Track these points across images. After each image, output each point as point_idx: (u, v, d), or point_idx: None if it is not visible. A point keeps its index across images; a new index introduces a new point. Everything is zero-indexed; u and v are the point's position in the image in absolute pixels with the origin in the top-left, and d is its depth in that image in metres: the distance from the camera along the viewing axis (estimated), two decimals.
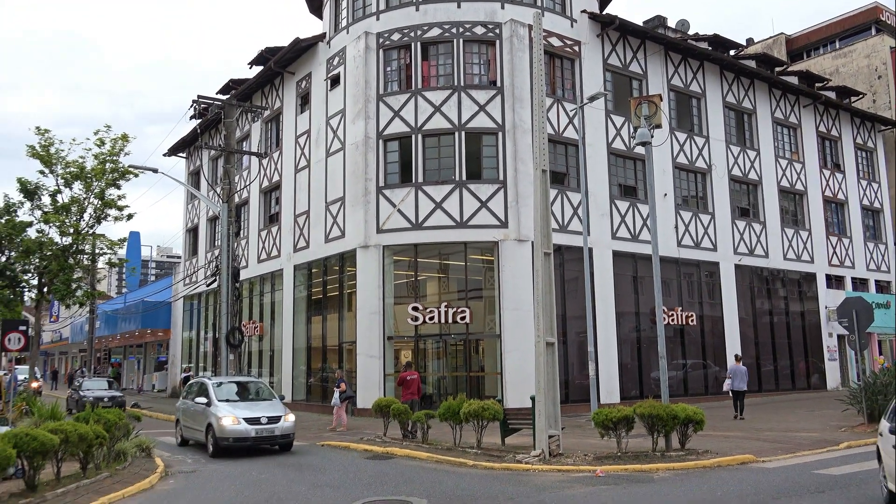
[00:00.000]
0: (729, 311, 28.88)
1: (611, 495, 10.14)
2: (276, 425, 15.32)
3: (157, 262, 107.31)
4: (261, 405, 16.02)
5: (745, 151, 31.21)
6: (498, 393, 21.74)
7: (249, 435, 14.98)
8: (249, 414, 15.32)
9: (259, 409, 15.67)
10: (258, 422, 15.20)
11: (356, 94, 24.95)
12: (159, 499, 10.63)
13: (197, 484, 11.81)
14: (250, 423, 15.09)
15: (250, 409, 15.61)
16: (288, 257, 28.79)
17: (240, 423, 15.01)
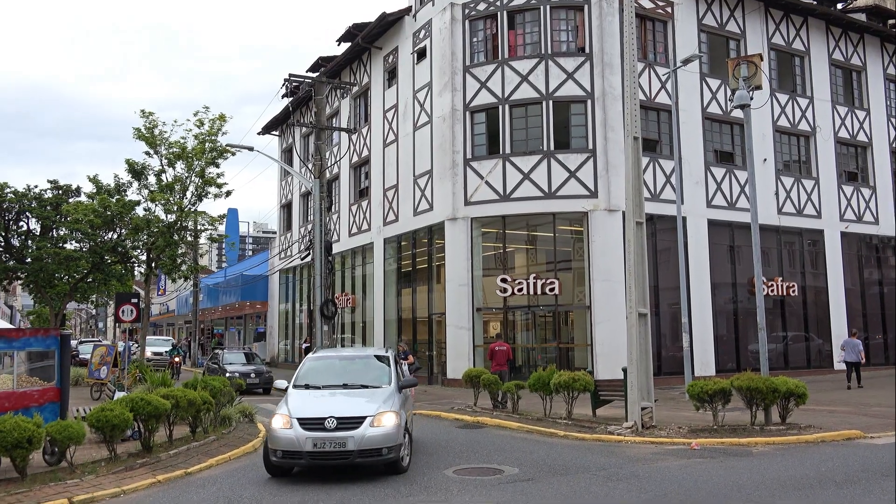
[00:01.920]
0: (834, 282, 27.44)
1: (706, 468, 9.93)
2: (351, 433, 9.32)
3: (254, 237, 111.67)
4: (353, 396, 10.44)
5: (853, 112, 29.33)
6: (588, 364, 21.58)
7: (303, 448, 9.33)
8: (314, 412, 9.67)
9: (338, 404, 10.13)
10: (321, 426, 9.41)
11: (442, 66, 24.94)
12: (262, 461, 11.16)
13: None
14: (308, 428, 9.43)
15: (327, 403, 10.16)
16: (378, 231, 29.32)
17: (291, 427, 9.49)
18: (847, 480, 9.02)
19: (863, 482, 8.87)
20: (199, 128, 25.77)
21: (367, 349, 12.66)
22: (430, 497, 8.56)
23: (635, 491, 8.66)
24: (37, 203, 27.85)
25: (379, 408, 9.77)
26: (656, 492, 8.59)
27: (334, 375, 11.14)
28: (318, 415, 9.58)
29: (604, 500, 8.32)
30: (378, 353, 12.04)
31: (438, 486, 9.09)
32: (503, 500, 8.40)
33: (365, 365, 11.59)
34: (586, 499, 8.38)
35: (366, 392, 10.50)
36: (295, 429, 9.46)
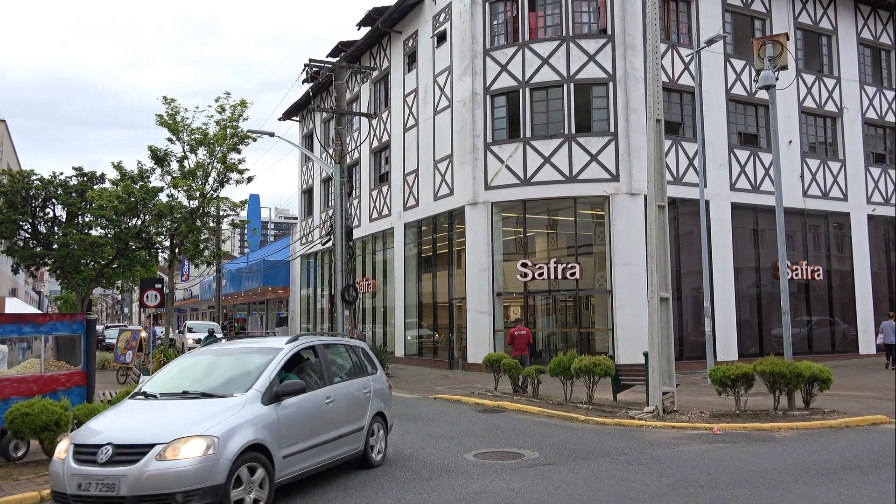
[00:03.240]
0: (860, 265, 27.04)
1: (729, 453, 9.87)
2: (125, 469, 6.48)
3: (276, 222, 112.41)
4: (171, 410, 7.35)
5: (881, 92, 28.73)
6: (609, 349, 21.51)
7: (66, 489, 6.66)
8: (98, 435, 6.93)
9: (133, 422, 7.20)
10: (93, 457, 6.67)
11: (462, 49, 24.80)
12: None
13: None
14: (80, 460, 6.74)
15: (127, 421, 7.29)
16: (398, 216, 29.36)
17: (65, 458, 6.85)
18: (872, 466, 8.93)
19: (888, 468, 8.76)
20: (220, 114, 25.93)
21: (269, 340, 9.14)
22: (451, 481, 8.60)
23: (656, 475, 8.63)
24: (62, 190, 28.22)
25: (185, 430, 6.69)
26: (677, 476, 8.56)
27: (190, 378, 8.15)
28: (96, 440, 6.80)
29: (624, 484, 8.31)
30: (273, 345, 8.57)
31: (459, 470, 9.14)
32: (523, 484, 8.42)
33: (235, 363, 8.28)
34: (607, 483, 8.37)
35: (197, 405, 7.34)
36: (67, 460, 6.77)
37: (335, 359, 9.43)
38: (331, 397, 8.53)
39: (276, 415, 7.49)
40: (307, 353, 8.88)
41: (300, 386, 7.93)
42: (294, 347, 8.53)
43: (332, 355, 9.35)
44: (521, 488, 8.16)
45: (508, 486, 8.27)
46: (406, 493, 8.05)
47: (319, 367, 8.80)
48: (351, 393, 9.11)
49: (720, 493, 7.75)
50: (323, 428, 8.27)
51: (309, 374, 8.60)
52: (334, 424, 8.51)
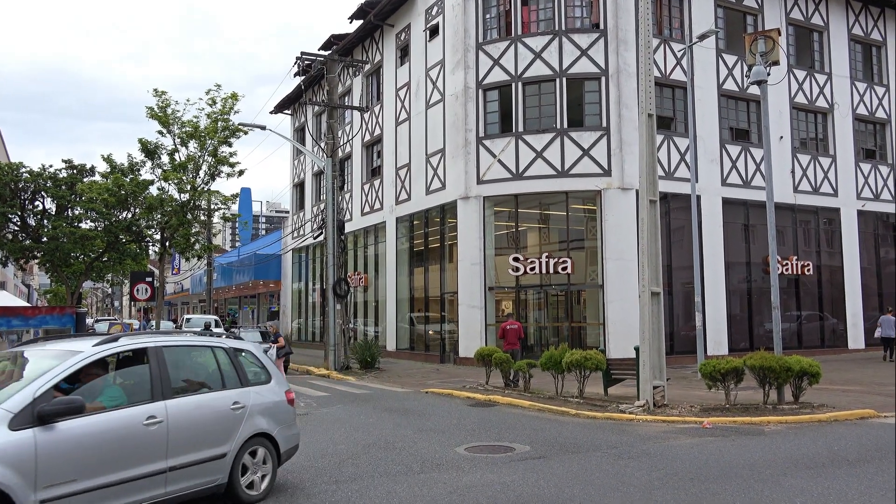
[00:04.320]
0: (850, 261, 27.20)
1: (718, 447, 9.93)
2: None
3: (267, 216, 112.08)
4: None
5: (872, 88, 28.86)
6: (600, 343, 21.58)
7: None
8: None
9: None
10: None
11: (455, 43, 24.74)
12: None
13: (309, 426, 12.44)
14: None
15: None
16: (390, 210, 29.31)
17: None
18: (860, 459, 8.99)
19: (876, 461, 8.84)
20: (211, 106, 25.83)
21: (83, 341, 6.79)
22: (442, 474, 8.61)
23: (646, 469, 8.67)
24: (52, 183, 28.05)
25: None
26: (667, 470, 8.60)
27: None
28: None
29: (615, 477, 8.34)
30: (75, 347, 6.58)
31: (450, 464, 9.15)
32: (514, 477, 8.44)
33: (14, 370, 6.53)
34: (597, 476, 8.40)
35: None
36: None
37: (185, 366, 7.41)
38: (157, 417, 6.47)
39: (33, 443, 5.50)
40: (129, 358, 6.96)
41: (78, 404, 5.86)
42: (100, 352, 6.49)
43: (179, 361, 7.25)
44: (511, 482, 8.18)
45: (499, 480, 8.28)
46: (398, 486, 8.05)
47: (149, 377, 6.71)
48: (204, 410, 7.07)
49: (710, 487, 7.79)
50: (137, 458, 6.24)
51: (122, 388, 6.69)
52: (162, 452, 6.45)
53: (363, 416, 13.40)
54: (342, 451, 10.02)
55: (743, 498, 7.35)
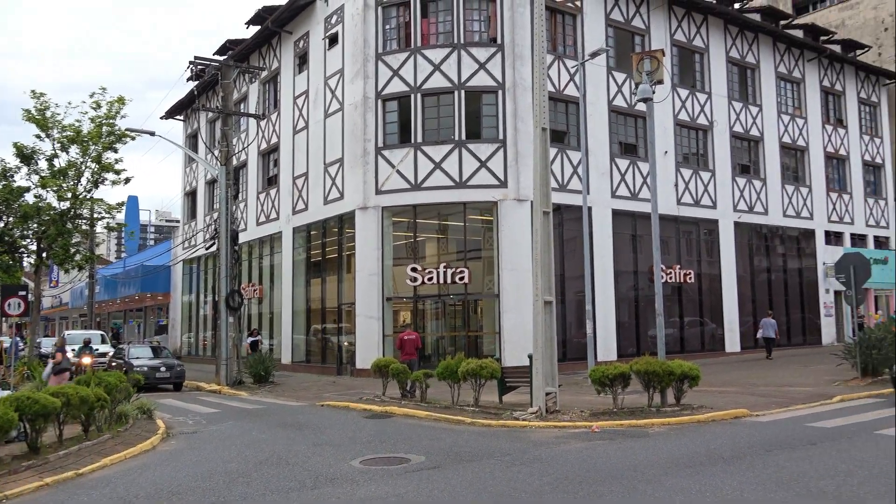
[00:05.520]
0: (727, 269, 28.93)
1: (606, 450, 10.28)
2: None
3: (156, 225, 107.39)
4: None
5: (747, 107, 30.90)
6: (496, 352, 21.93)
7: None
8: None
9: None
10: None
11: (354, 53, 24.63)
12: (160, 459, 10.79)
13: (198, 444, 11.98)
14: None
15: None
16: (287, 219, 28.76)
17: None
18: (734, 456, 9.53)
19: (748, 458, 9.39)
20: (95, 110, 24.49)
21: None
22: (336, 489, 8.48)
23: (537, 474, 8.86)
24: None
25: None
26: (557, 474, 8.82)
27: None
28: None
29: (507, 484, 8.47)
30: None
31: (345, 478, 9.02)
32: (409, 488, 8.42)
33: None
34: (490, 484, 8.51)
35: None
36: None
37: None
38: None
39: None
40: None
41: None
42: None
43: None
44: (406, 493, 8.16)
45: (394, 492, 8.24)
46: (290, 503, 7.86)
47: None
48: None
49: (597, 489, 8.05)
50: None
51: None
52: None
53: (255, 432, 13.02)
54: (232, 470, 9.69)
55: (628, 498, 7.64)
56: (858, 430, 11.12)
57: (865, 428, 11.32)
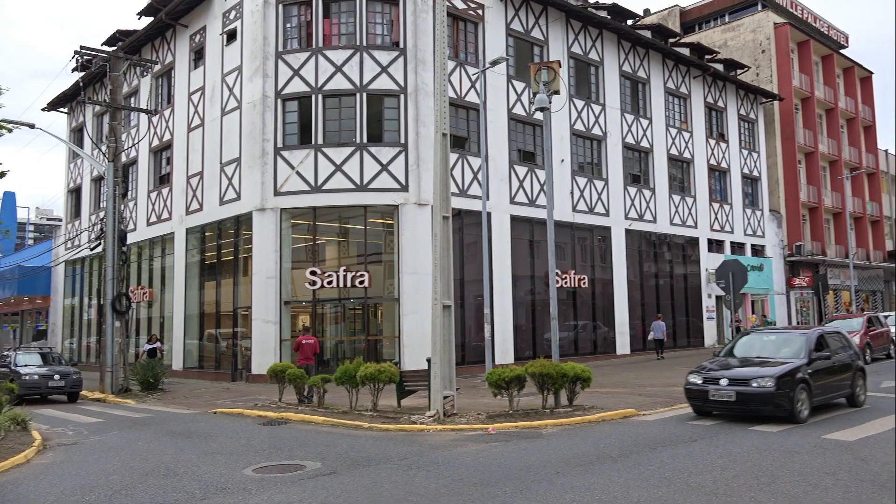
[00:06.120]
0: (618, 274, 30.13)
1: (501, 451, 10.47)
2: None
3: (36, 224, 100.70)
4: None
5: (638, 120, 32.32)
6: (395, 356, 21.92)
7: None
8: None
9: None
10: None
11: (254, 50, 24.03)
12: (35, 473, 10.13)
13: (78, 457, 11.32)
14: None
15: None
16: (180, 220, 27.68)
17: None
18: (621, 455, 9.93)
19: (634, 456, 9.81)
20: None
21: None
22: (227, 498, 8.23)
23: (434, 477, 8.92)
24: None
25: None
26: (453, 477, 8.91)
27: None
28: None
29: (403, 488, 8.47)
30: None
31: (236, 487, 8.77)
32: (303, 495, 8.28)
33: None
34: (387, 488, 8.49)
35: None
36: None
37: None
38: None
39: None
40: None
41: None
42: None
43: None
44: (300, 500, 8.02)
45: (287, 500, 8.08)
46: None
47: None
48: None
49: (491, 490, 8.19)
50: None
51: None
52: None
53: (142, 442, 12.44)
54: (115, 483, 9.22)
55: (521, 498, 7.81)
56: (734, 426, 11.84)
57: (741, 424, 12.07)
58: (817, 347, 13.13)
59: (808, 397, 12.19)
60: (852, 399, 13.74)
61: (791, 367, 12.19)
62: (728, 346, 14.47)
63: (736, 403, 12.10)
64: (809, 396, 12.24)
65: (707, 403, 12.56)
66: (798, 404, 11.95)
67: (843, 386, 13.55)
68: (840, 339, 14.37)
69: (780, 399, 11.78)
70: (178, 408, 17.54)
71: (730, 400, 12.13)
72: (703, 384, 12.61)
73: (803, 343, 13.07)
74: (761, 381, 11.91)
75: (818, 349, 13.11)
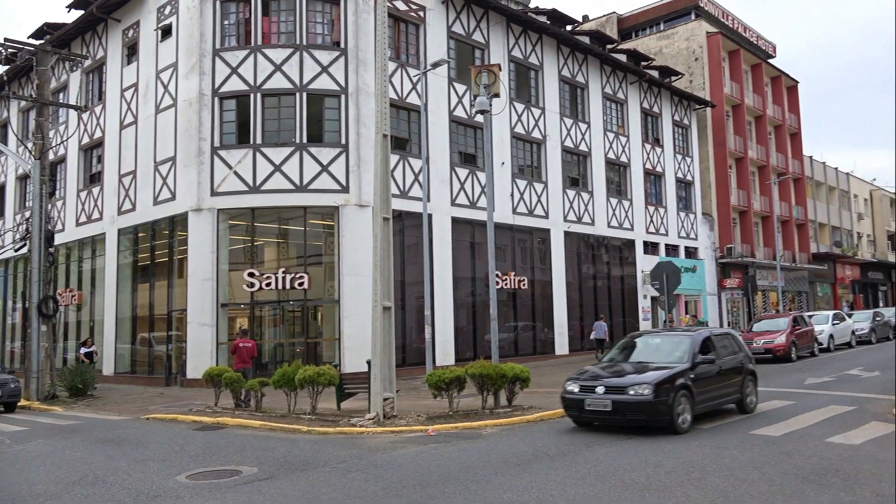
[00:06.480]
0: (558, 276, 30.58)
1: (440, 453, 10.49)
2: None
3: None
4: None
5: (577, 124, 32.88)
6: (335, 358, 21.73)
7: None
8: None
9: None
10: None
11: (190, 47, 23.47)
12: None
13: None
14: None
15: None
16: (111, 220, 26.81)
17: None
18: (559, 453, 10.08)
19: (571, 454, 9.97)
20: None
21: None
22: None
23: (373, 480, 8.87)
24: None
25: None
26: (392, 479, 8.88)
27: None
28: None
29: (342, 491, 8.40)
30: None
31: (169, 494, 8.54)
32: (238, 501, 8.12)
33: None
34: (325, 492, 8.40)
35: None
36: None
37: None
38: None
39: None
40: None
41: None
42: None
43: None
44: None
45: None
46: None
47: None
48: None
49: (430, 491, 8.19)
50: None
51: None
52: None
53: (69, 451, 11.99)
54: (40, 493, 8.87)
55: (460, 499, 7.84)
56: None
57: None
58: (703, 350, 12.37)
59: (690, 405, 11.43)
60: (742, 405, 13.09)
61: (672, 373, 11.42)
62: (613, 350, 13.90)
63: (612, 413, 11.25)
64: (692, 404, 11.48)
65: (584, 414, 11.71)
66: (678, 413, 11.18)
67: (732, 392, 12.87)
68: (730, 341, 13.70)
69: (659, 407, 10.98)
70: (109, 414, 16.98)
71: (606, 410, 11.27)
72: (580, 392, 11.74)
73: (687, 346, 12.27)
74: (638, 388, 11.11)
75: (704, 352, 12.36)
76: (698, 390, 11.69)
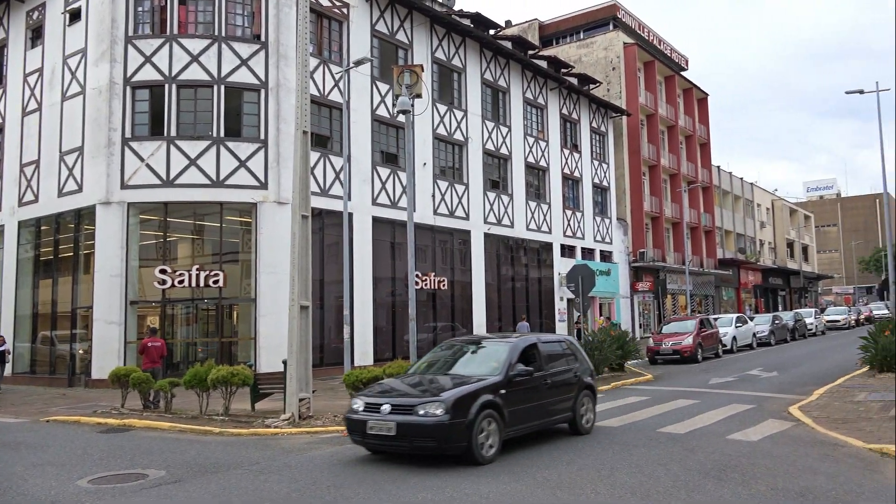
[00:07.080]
0: (477, 277, 30.91)
1: (356, 453, 10.41)
2: None
3: None
4: None
5: (498, 127, 33.33)
6: (251, 358, 21.27)
7: None
8: None
9: None
10: None
11: (100, 32, 22.48)
12: None
13: None
14: None
15: None
16: (11, 212, 25.36)
17: None
18: None
19: None
20: None
21: None
22: None
23: (286, 481, 8.74)
24: None
25: None
26: (306, 480, 8.78)
27: None
28: None
29: (254, 494, 8.24)
30: None
31: (69, 499, 8.16)
32: None
33: None
34: (236, 495, 8.22)
35: None
36: None
37: None
38: None
39: None
40: None
41: None
42: None
43: None
44: None
45: None
46: None
47: None
48: None
49: (345, 492, 8.14)
50: None
51: None
52: None
53: None
54: None
55: (374, 499, 7.83)
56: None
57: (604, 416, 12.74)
58: (524, 361, 10.48)
59: (498, 427, 9.55)
60: (574, 425, 11.31)
61: (474, 388, 9.50)
62: (422, 360, 11.82)
63: (396, 439, 9.21)
64: (500, 426, 9.59)
65: (366, 438, 9.56)
66: (480, 439, 9.27)
67: (561, 409, 11.01)
68: (565, 348, 11.91)
69: (454, 432, 9.02)
70: (5, 416, 16.04)
71: (389, 434, 9.22)
72: (364, 412, 9.65)
73: (503, 356, 10.34)
74: (429, 407, 9.11)
75: (526, 363, 10.47)
76: (511, 409, 9.83)
